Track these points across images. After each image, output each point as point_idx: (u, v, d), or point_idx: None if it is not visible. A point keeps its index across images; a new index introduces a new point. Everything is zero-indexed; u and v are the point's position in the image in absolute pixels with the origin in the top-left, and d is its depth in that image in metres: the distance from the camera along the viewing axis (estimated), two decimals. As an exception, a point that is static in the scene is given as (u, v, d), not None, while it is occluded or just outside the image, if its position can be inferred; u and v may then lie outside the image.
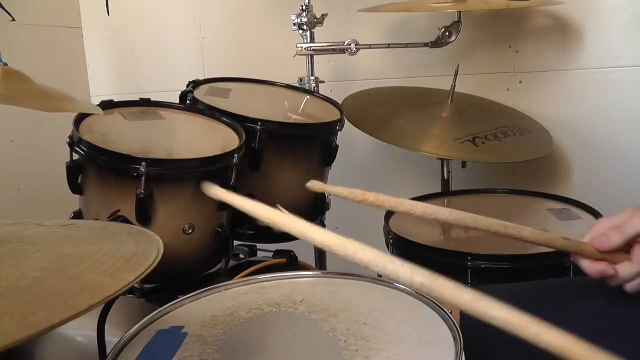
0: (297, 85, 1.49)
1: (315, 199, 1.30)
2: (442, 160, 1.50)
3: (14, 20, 1.25)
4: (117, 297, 0.49)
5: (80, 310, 0.41)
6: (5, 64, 0.89)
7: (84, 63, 2.10)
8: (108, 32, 2.07)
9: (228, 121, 1.15)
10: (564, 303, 0.78)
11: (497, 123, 1.44)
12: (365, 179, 1.82)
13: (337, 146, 1.31)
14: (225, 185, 1.06)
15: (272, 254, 1.28)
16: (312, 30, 1.48)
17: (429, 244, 1.12)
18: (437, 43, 1.48)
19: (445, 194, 1.47)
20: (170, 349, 0.66)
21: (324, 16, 1.48)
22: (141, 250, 0.54)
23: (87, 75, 2.11)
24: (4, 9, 1.23)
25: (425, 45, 1.49)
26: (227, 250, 1.12)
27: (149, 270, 0.49)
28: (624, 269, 0.69)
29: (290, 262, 1.24)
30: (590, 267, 0.70)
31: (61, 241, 0.58)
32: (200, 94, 1.26)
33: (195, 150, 1.06)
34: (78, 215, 1.06)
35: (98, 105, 1.06)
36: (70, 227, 0.66)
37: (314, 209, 1.31)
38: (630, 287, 0.70)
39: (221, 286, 0.83)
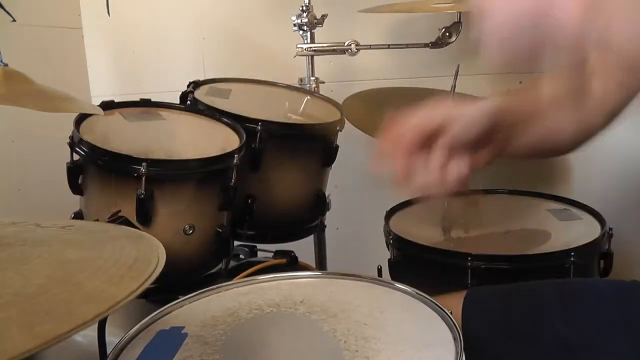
0: (297, 85, 1.49)
1: (316, 199, 1.30)
2: (442, 160, 1.50)
3: (14, 20, 1.24)
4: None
5: (86, 320, 0.41)
6: (6, 64, 0.89)
7: (84, 63, 2.09)
8: (108, 32, 2.06)
9: (228, 121, 1.15)
10: (565, 303, 0.78)
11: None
12: (365, 179, 1.82)
13: (337, 146, 1.31)
14: (226, 186, 1.06)
15: (272, 254, 1.28)
16: (312, 31, 1.47)
17: (429, 244, 1.12)
18: (437, 43, 1.48)
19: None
20: (170, 349, 0.66)
21: (324, 16, 1.48)
22: (142, 255, 0.54)
23: (88, 75, 2.10)
24: (4, 9, 1.23)
25: (426, 45, 1.49)
26: (228, 251, 1.12)
27: (151, 279, 0.49)
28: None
29: (290, 263, 1.24)
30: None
31: (62, 245, 0.58)
32: (200, 94, 1.25)
33: (195, 151, 1.06)
34: (78, 215, 1.06)
35: (98, 106, 1.06)
36: (69, 228, 0.66)
37: (314, 209, 1.31)
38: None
39: (221, 286, 0.83)
